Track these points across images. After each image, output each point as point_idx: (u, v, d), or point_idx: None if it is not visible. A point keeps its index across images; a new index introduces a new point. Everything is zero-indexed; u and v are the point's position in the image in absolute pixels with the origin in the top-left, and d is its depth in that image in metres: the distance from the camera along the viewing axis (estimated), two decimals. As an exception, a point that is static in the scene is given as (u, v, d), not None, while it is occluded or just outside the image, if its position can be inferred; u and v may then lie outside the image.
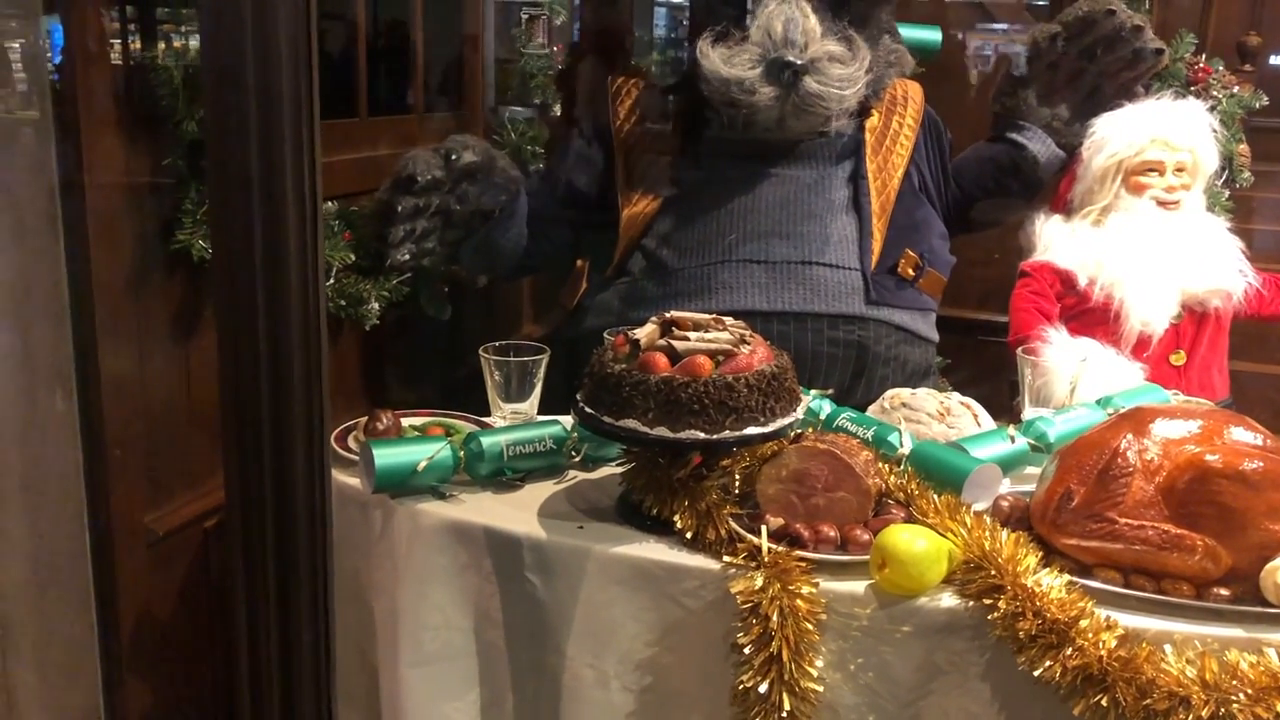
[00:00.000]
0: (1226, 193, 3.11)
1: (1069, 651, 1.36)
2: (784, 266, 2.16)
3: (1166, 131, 2.32)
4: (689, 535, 1.57)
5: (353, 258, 2.12)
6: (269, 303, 1.31)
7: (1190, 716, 1.31)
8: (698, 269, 2.18)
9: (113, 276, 1.68)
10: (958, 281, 2.53)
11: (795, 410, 1.63)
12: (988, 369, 2.85)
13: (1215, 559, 1.43)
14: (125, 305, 1.71)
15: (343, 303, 2.10)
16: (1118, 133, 2.34)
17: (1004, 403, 2.35)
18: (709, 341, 1.59)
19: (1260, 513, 1.42)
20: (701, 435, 1.53)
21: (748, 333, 1.65)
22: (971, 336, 3.05)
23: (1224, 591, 1.43)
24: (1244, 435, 1.50)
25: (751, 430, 1.56)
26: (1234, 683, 1.32)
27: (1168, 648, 1.37)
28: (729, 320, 1.67)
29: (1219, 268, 2.29)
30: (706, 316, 1.67)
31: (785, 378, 1.61)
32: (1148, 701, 1.33)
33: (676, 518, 1.58)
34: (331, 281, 2.06)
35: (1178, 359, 2.31)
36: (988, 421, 1.88)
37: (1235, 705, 1.31)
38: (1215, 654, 1.36)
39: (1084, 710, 1.35)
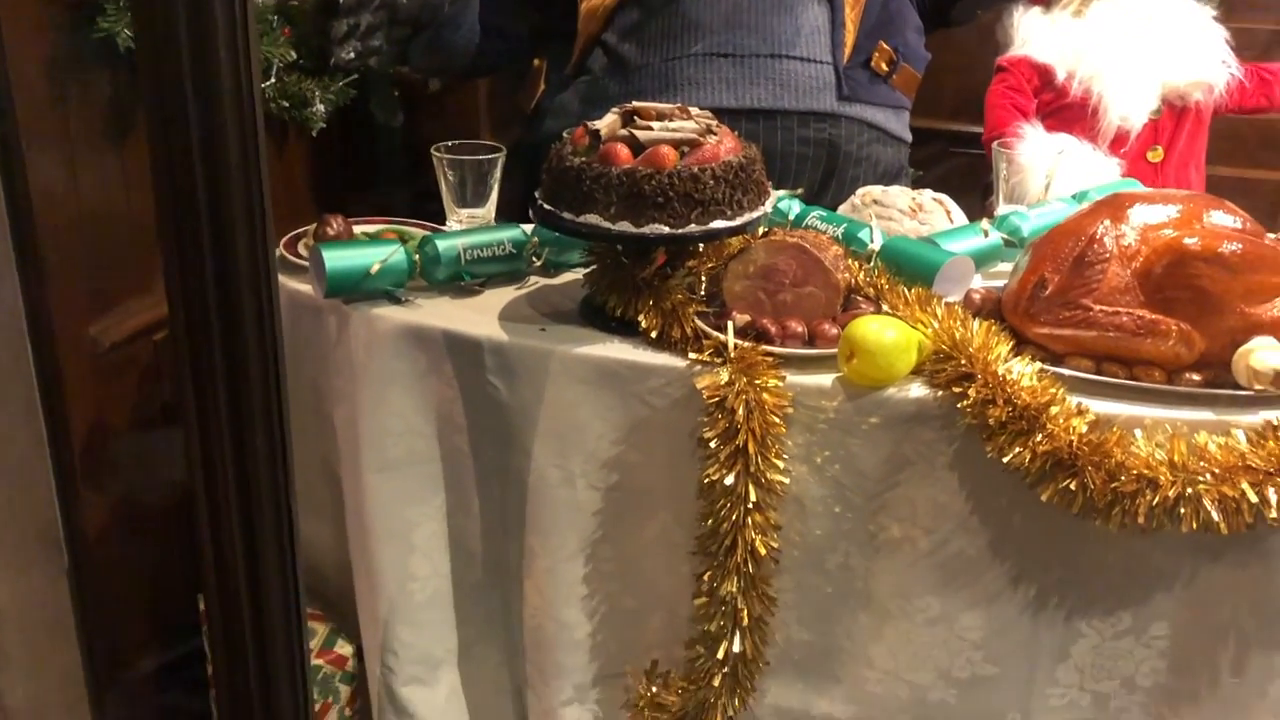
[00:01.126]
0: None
1: (1039, 438, 1.34)
2: (752, 60, 2.05)
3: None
4: (654, 335, 1.53)
5: (294, 55, 1.99)
6: (199, 89, 1.22)
7: (1157, 497, 1.31)
8: (661, 65, 2.08)
9: (32, 73, 1.56)
10: (931, 90, 2.43)
11: (763, 204, 1.57)
12: (961, 180, 2.78)
13: (1189, 344, 1.40)
14: (48, 106, 1.60)
15: (285, 104, 1.99)
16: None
17: (978, 214, 2.30)
18: (673, 131, 1.51)
19: (1237, 295, 1.39)
20: (666, 229, 1.47)
21: (714, 123, 1.57)
22: (944, 147, 2.97)
23: (1196, 376, 1.41)
24: (1223, 219, 1.46)
25: (718, 224, 1.50)
26: (1201, 464, 1.32)
27: (1138, 432, 1.36)
28: (694, 110, 1.59)
29: (1202, 59, 2.21)
30: (671, 106, 1.58)
31: (753, 169, 1.54)
32: (1115, 484, 1.32)
33: (641, 317, 1.54)
34: (272, 81, 1.94)
35: (1155, 155, 2.25)
36: (960, 217, 1.83)
37: (1202, 485, 1.31)
38: (1184, 437, 1.35)
39: (1052, 495, 1.35)
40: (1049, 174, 1.92)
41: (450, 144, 1.79)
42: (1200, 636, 1.46)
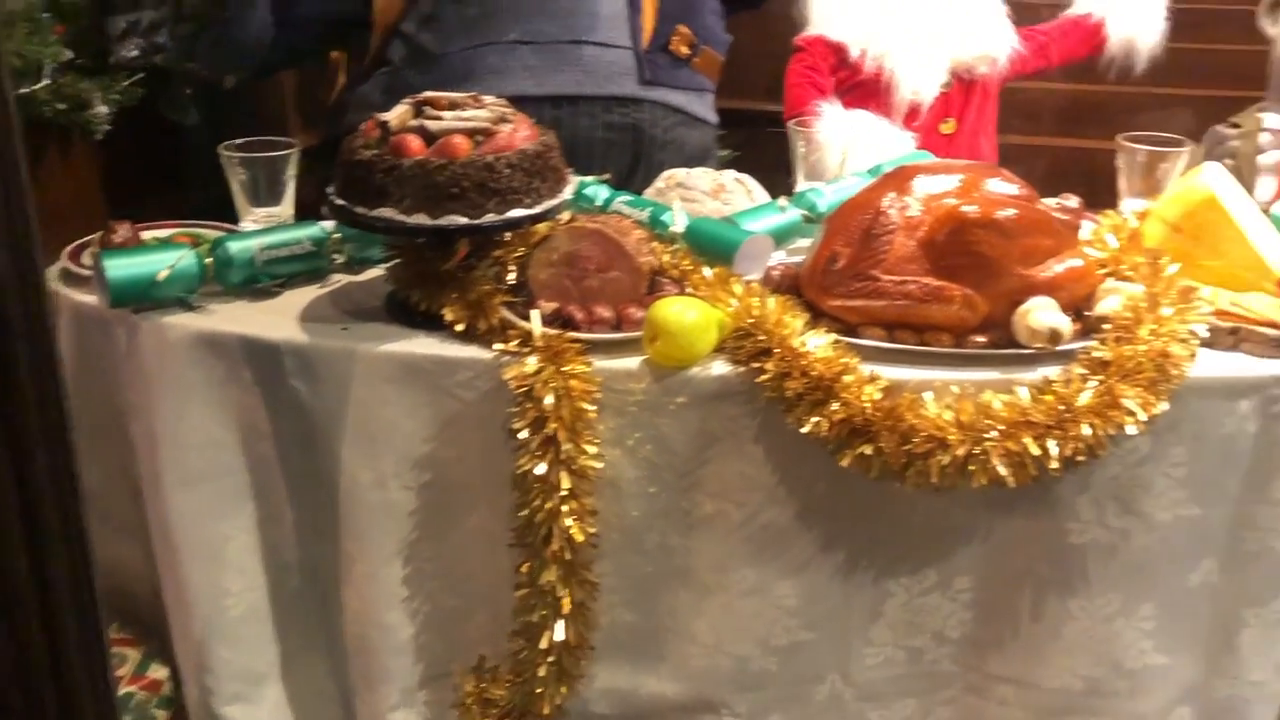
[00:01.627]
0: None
1: (835, 406, 1.38)
2: (553, 47, 2.05)
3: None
4: (461, 327, 1.51)
5: (69, 55, 1.89)
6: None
7: (948, 456, 1.37)
8: (461, 53, 2.05)
9: None
10: (745, 72, 2.48)
11: (562, 191, 1.56)
12: (777, 160, 2.83)
13: (973, 307, 1.47)
14: None
15: (63, 107, 1.89)
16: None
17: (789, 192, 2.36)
18: (466, 120, 1.50)
19: (1014, 259, 1.46)
20: (464, 220, 1.46)
21: (509, 110, 1.56)
22: (759, 128, 3.02)
23: (981, 338, 1.48)
24: (1000, 186, 1.53)
25: (516, 212, 1.49)
26: (987, 422, 1.38)
27: (928, 395, 1.41)
28: (488, 98, 1.57)
29: (984, 33, 2.31)
30: (464, 95, 1.57)
31: (550, 156, 1.53)
32: (908, 446, 1.37)
33: (446, 310, 1.52)
34: (46, 82, 1.84)
35: (947, 127, 2.35)
36: (762, 196, 1.87)
37: (989, 442, 1.37)
38: (972, 397, 1.41)
39: (851, 461, 1.39)
40: (844, 150, 1.98)
41: (239, 142, 1.73)
42: (1001, 586, 1.53)
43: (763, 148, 2.99)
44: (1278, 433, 1.50)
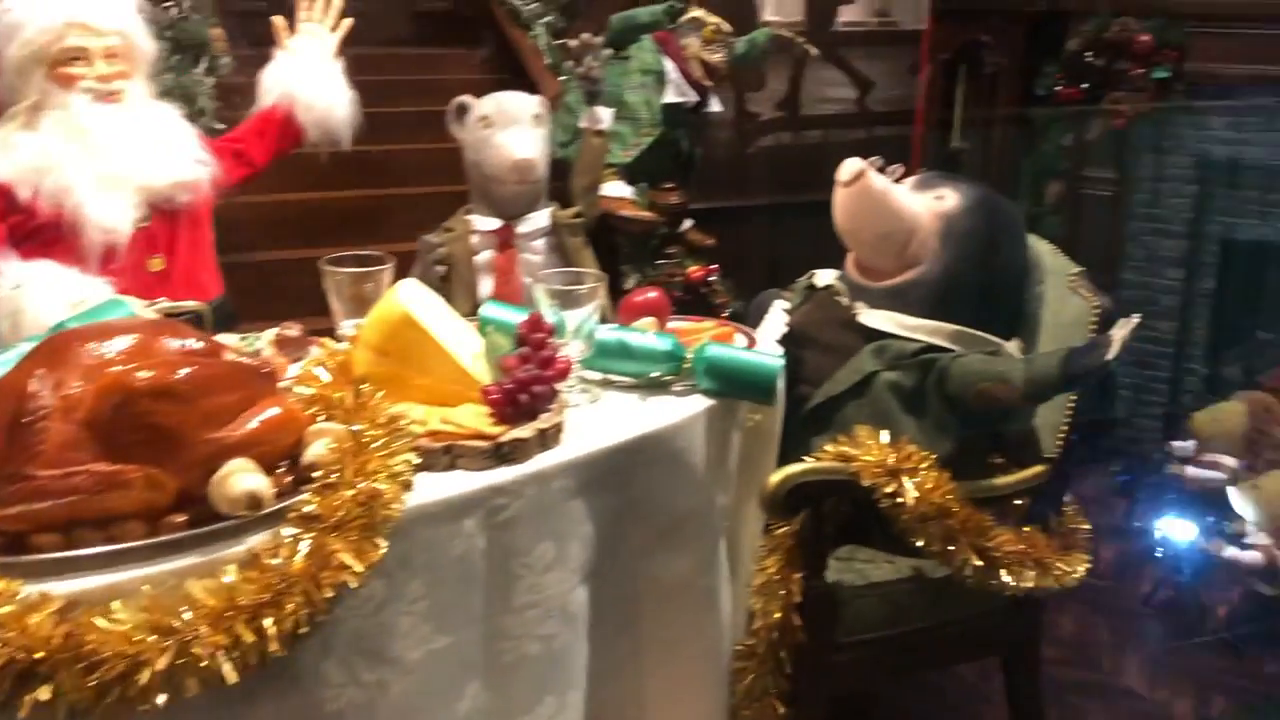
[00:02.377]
0: (210, 81, 2.98)
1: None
2: None
3: (85, 15, 2.06)
4: None
5: None
6: None
7: (149, 673, 1.16)
8: None
9: None
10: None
11: None
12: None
13: (159, 487, 1.28)
14: None
15: None
16: (30, 18, 2.03)
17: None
18: None
19: (195, 425, 1.30)
20: None
21: None
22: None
23: (180, 518, 1.29)
24: (173, 344, 1.36)
25: None
26: (191, 617, 1.20)
27: (116, 604, 1.19)
28: None
29: (178, 159, 2.15)
30: None
31: None
32: (98, 676, 1.14)
33: None
34: None
35: (157, 264, 2.14)
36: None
37: (196, 643, 1.19)
38: (173, 590, 1.22)
39: (30, 712, 1.13)
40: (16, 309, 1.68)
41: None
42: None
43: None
44: (507, 541, 1.51)
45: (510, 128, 2.46)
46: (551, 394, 1.65)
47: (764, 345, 2.05)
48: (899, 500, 1.88)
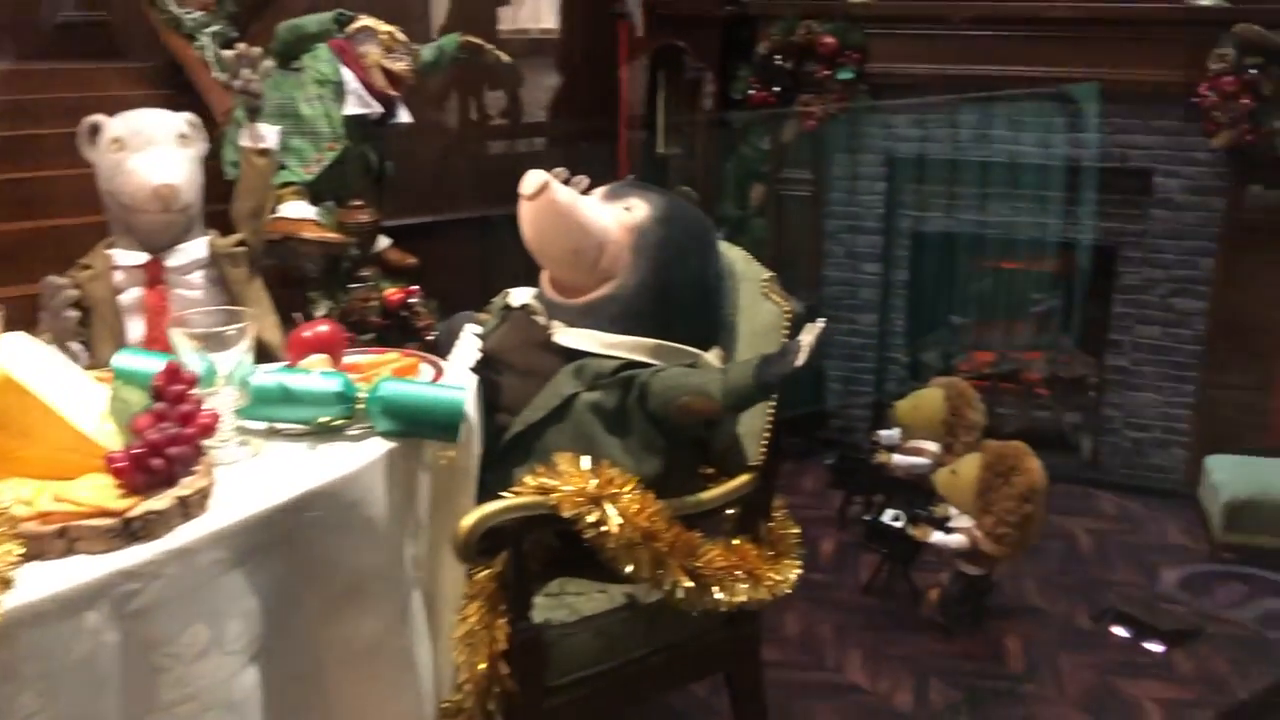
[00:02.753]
0: None
1: None
2: None
3: None
4: None
5: None
6: None
7: None
8: None
9: None
10: None
11: None
12: None
13: None
14: None
15: None
16: None
17: None
18: None
19: None
20: None
21: None
22: None
23: None
24: None
25: None
26: None
27: None
28: None
29: None
30: None
31: None
32: None
33: None
34: None
35: None
36: None
37: None
38: None
39: None
40: None
41: None
42: None
43: None
44: (144, 632, 1.30)
45: (147, 150, 2.19)
46: (194, 454, 1.44)
47: (452, 376, 1.91)
48: (603, 529, 1.78)
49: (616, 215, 2.08)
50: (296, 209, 2.79)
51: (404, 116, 3.02)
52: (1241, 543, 3.19)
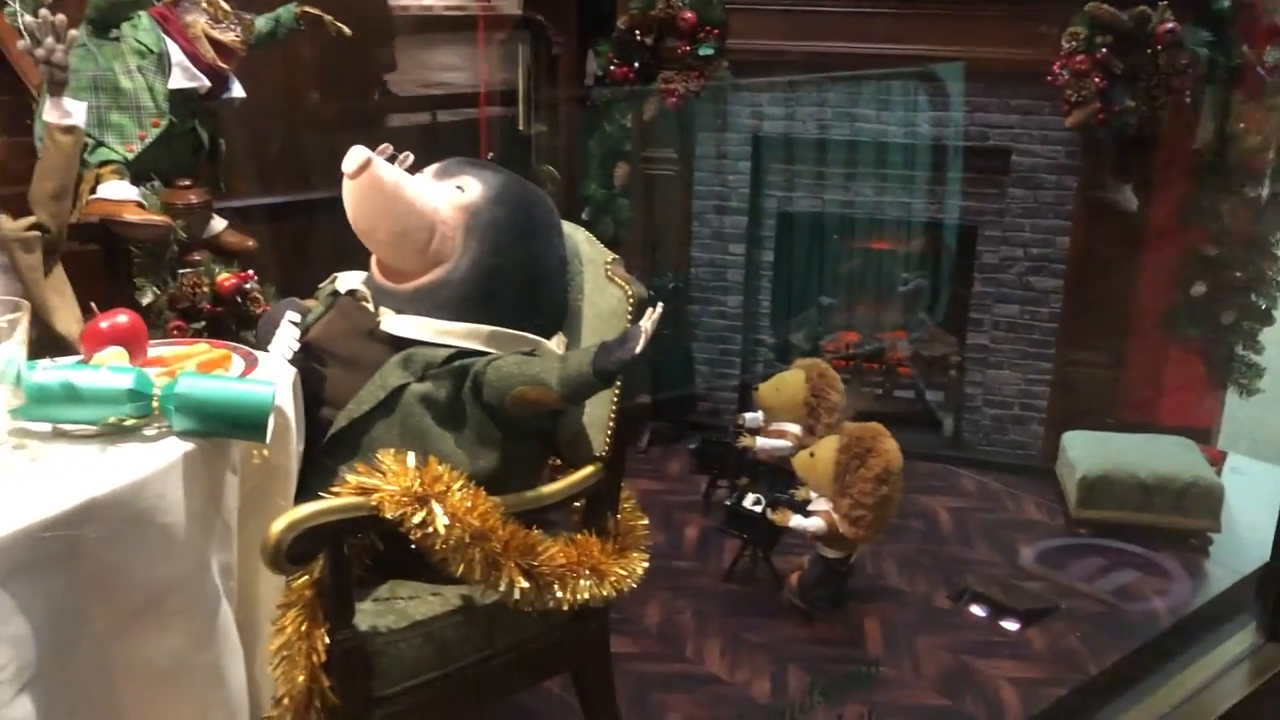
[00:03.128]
0: None
1: None
2: None
3: None
4: None
5: None
6: None
7: None
8: None
9: None
10: None
11: None
12: None
13: None
14: None
15: None
16: None
17: None
18: None
19: None
20: None
21: None
22: None
23: None
24: None
25: None
26: None
27: None
28: None
29: None
30: None
31: None
32: None
33: None
34: None
35: None
36: None
37: None
38: None
39: None
40: None
41: None
42: None
43: None
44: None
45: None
46: (-52, 463, 1.29)
47: (266, 368, 1.77)
48: (430, 530, 1.68)
49: (447, 195, 1.97)
50: (117, 189, 2.58)
51: (237, 91, 2.83)
52: (1096, 518, 3.24)
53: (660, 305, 1.75)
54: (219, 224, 2.98)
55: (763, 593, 2.89)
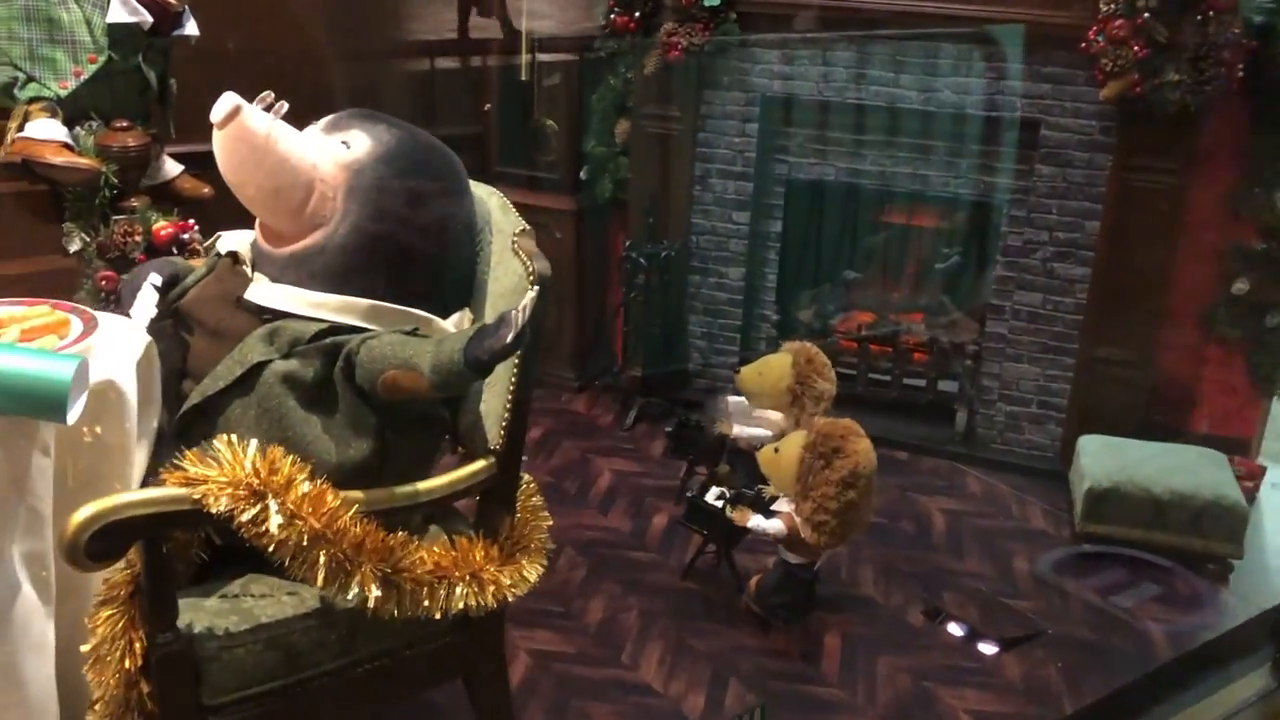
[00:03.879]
0: None
1: None
2: None
3: None
4: None
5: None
6: None
7: None
8: None
9: None
10: None
11: None
12: None
13: None
14: None
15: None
16: None
17: None
18: None
19: None
20: None
21: None
22: None
23: None
24: None
25: None
26: None
27: None
28: None
29: None
30: None
31: None
32: None
33: None
34: None
35: None
36: None
37: None
38: None
39: None
40: None
41: None
42: None
43: None
44: None
45: None
46: None
47: (108, 335, 1.60)
48: (264, 528, 1.50)
49: (332, 150, 1.76)
50: (44, 128, 2.43)
51: (191, 29, 2.66)
52: (1102, 534, 2.96)
53: (536, 290, 1.53)
54: (174, 168, 2.82)
55: (720, 595, 2.68)
